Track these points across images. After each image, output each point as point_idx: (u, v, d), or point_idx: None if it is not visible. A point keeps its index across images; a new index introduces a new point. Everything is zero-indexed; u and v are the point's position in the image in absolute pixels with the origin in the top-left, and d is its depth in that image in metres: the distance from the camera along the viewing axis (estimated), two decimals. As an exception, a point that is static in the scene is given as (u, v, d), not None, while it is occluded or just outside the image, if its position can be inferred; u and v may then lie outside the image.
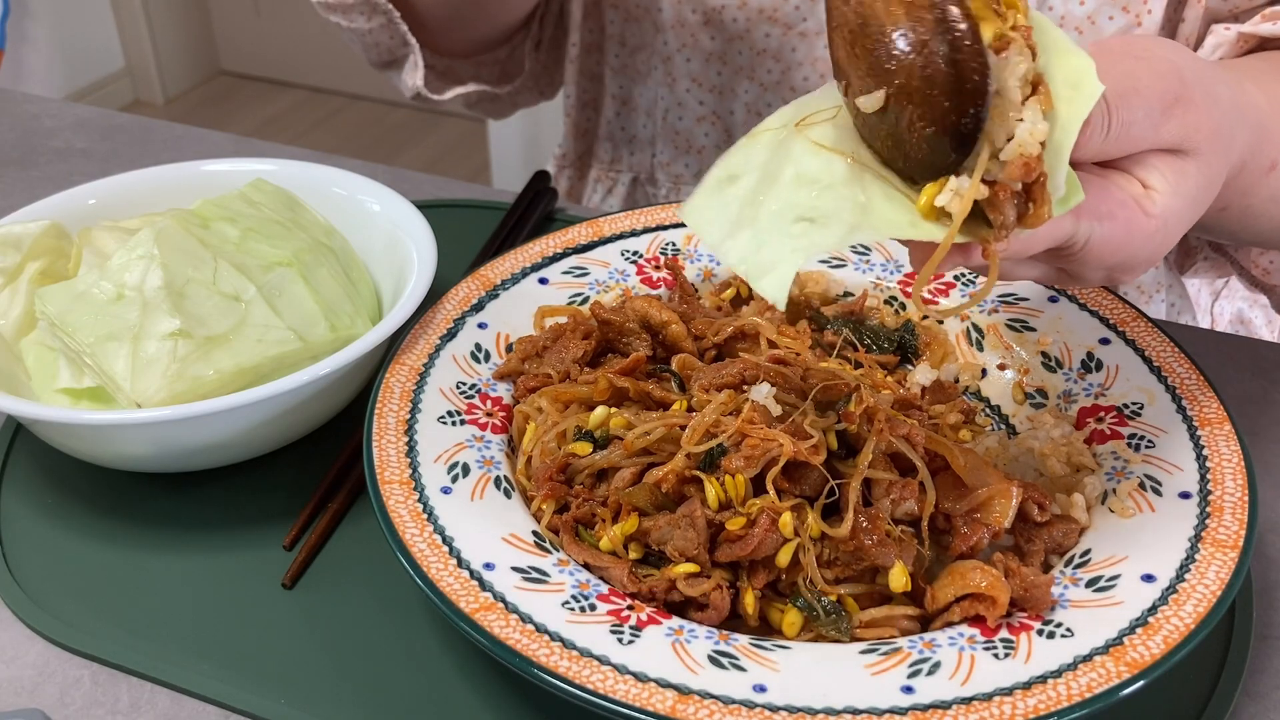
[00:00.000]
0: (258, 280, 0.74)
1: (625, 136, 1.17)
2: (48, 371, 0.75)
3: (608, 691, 0.53)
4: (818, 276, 0.82)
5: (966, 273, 0.81)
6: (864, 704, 0.53)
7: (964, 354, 0.78)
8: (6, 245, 0.79)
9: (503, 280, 0.80)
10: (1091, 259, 0.57)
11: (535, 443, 0.68)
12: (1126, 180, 0.58)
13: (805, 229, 0.53)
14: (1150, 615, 0.56)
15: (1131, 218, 0.56)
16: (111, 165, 1.11)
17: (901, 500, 0.61)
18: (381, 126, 3.64)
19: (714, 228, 0.55)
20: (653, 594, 0.60)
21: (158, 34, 3.76)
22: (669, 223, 0.86)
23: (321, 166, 0.90)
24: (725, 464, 0.61)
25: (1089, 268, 0.58)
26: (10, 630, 0.67)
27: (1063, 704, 0.52)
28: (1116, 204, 0.56)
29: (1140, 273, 0.60)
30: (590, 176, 1.22)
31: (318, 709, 0.62)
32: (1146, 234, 0.57)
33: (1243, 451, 0.65)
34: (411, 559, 0.60)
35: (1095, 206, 0.56)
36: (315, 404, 0.73)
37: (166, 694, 0.63)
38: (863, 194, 0.54)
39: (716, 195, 0.56)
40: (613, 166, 1.19)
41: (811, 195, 0.54)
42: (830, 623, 0.59)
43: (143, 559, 0.71)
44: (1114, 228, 0.56)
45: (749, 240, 0.53)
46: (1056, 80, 0.51)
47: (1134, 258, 0.58)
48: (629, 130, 1.17)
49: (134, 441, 0.70)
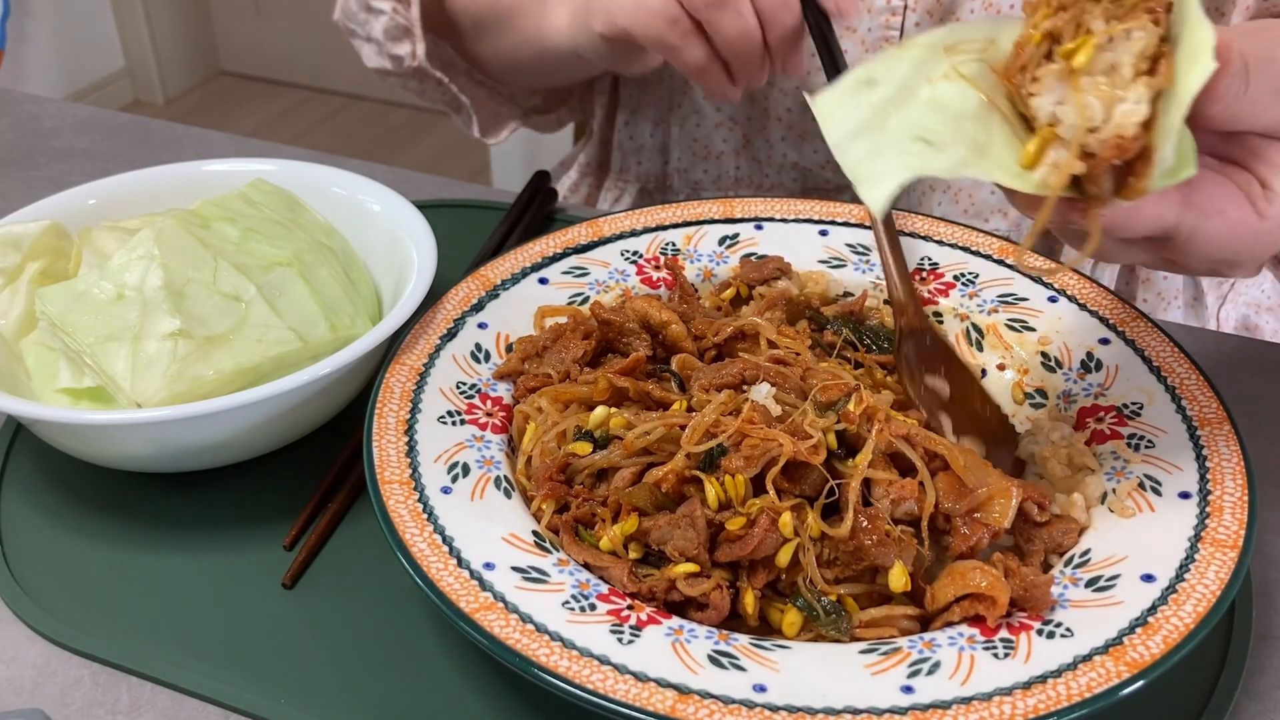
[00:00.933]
0: (258, 280, 0.74)
1: (634, 145, 1.17)
2: (48, 371, 0.75)
3: (608, 691, 0.53)
4: (818, 276, 0.82)
5: (966, 273, 0.81)
6: (864, 704, 0.53)
7: (964, 354, 0.78)
8: (6, 245, 0.79)
9: (503, 280, 0.80)
10: (1195, 251, 0.56)
11: (535, 443, 0.68)
12: (1245, 178, 0.57)
13: (921, 149, 0.54)
14: (1150, 615, 0.56)
15: (1242, 217, 0.56)
16: (111, 165, 1.11)
17: (901, 500, 0.61)
18: (381, 126, 3.64)
19: (839, 126, 0.56)
20: (653, 594, 0.60)
21: (158, 34, 3.76)
22: (669, 223, 0.86)
23: (321, 166, 0.90)
24: (725, 464, 0.61)
25: (1192, 259, 0.58)
26: (10, 630, 0.67)
27: (1063, 704, 0.52)
28: (1227, 200, 0.56)
29: (1248, 270, 0.59)
30: (603, 185, 1.23)
31: (318, 709, 0.62)
32: (1256, 233, 0.56)
33: (1243, 451, 0.65)
34: (411, 559, 0.60)
35: (1204, 201, 0.55)
36: (315, 404, 0.73)
37: (166, 694, 0.63)
38: (985, 133, 0.55)
39: (852, 95, 0.57)
40: (621, 176, 1.20)
41: (938, 120, 0.55)
42: (830, 623, 0.59)
43: (143, 559, 0.71)
44: (1221, 224, 0.55)
45: (867, 146, 0.54)
46: (1181, 52, 0.51)
47: (1241, 254, 0.57)
48: (637, 139, 1.17)
49: (134, 441, 0.70)
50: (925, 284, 0.81)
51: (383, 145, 3.55)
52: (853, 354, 0.75)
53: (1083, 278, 0.78)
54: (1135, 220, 0.54)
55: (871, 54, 0.99)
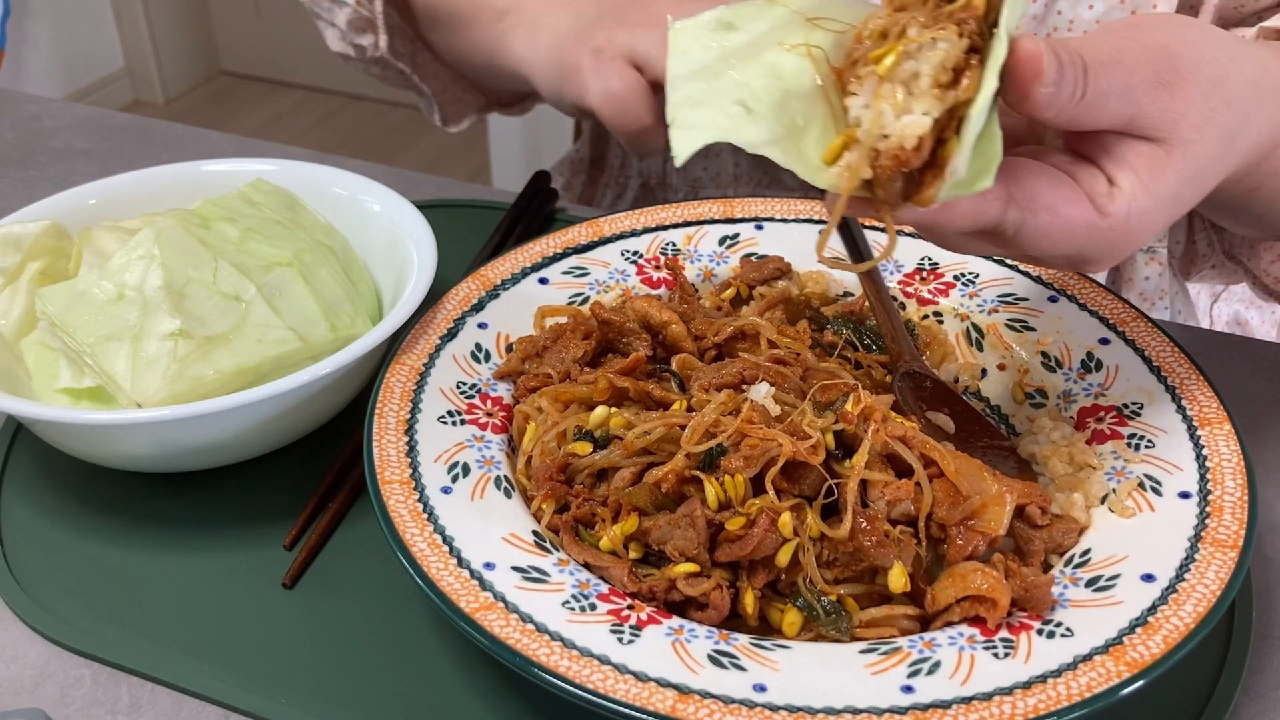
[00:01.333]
0: (258, 280, 0.74)
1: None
2: (48, 371, 0.75)
3: (608, 691, 0.53)
4: (818, 277, 0.82)
5: (966, 273, 0.81)
6: (864, 704, 0.53)
7: (964, 354, 0.78)
8: (7, 245, 0.79)
9: (503, 280, 0.80)
10: (1028, 245, 0.57)
11: (535, 443, 0.68)
12: (1091, 175, 0.57)
13: (739, 115, 0.53)
14: (1150, 615, 0.56)
15: (1077, 213, 0.56)
16: (111, 165, 1.11)
17: (896, 501, 0.61)
18: (381, 126, 3.64)
19: (683, 59, 0.55)
20: (653, 594, 0.60)
21: (158, 34, 3.76)
22: (669, 223, 0.86)
23: (321, 166, 0.90)
24: (725, 464, 0.61)
25: (1030, 253, 0.58)
26: (10, 630, 0.67)
27: (1063, 704, 0.52)
28: (1062, 199, 0.56)
29: (1105, 265, 0.59)
30: (601, 182, 1.22)
31: (318, 709, 0.62)
32: (1097, 230, 0.56)
33: (1243, 451, 0.65)
34: (411, 559, 0.60)
35: (1029, 197, 0.55)
36: (315, 404, 0.73)
37: (166, 694, 0.63)
38: (805, 118, 0.53)
39: (708, 33, 0.56)
40: (623, 172, 1.19)
41: (768, 89, 0.54)
42: (830, 622, 0.59)
43: (143, 559, 0.71)
44: (1053, 221, 0.56)
45: (696, 91, 0.54)
46: (986, 68, 0.51)
47: (1087, 251, 0.57)
48: None
49: (134, 441, 0.70)
50: (925, 284, 0.81)
51: (383, 145, 3.55)
52: (853, 354, 0.75)
53: (1082, 278, 0.78)
54: (953, 216, 0.54)
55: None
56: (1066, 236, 0.56)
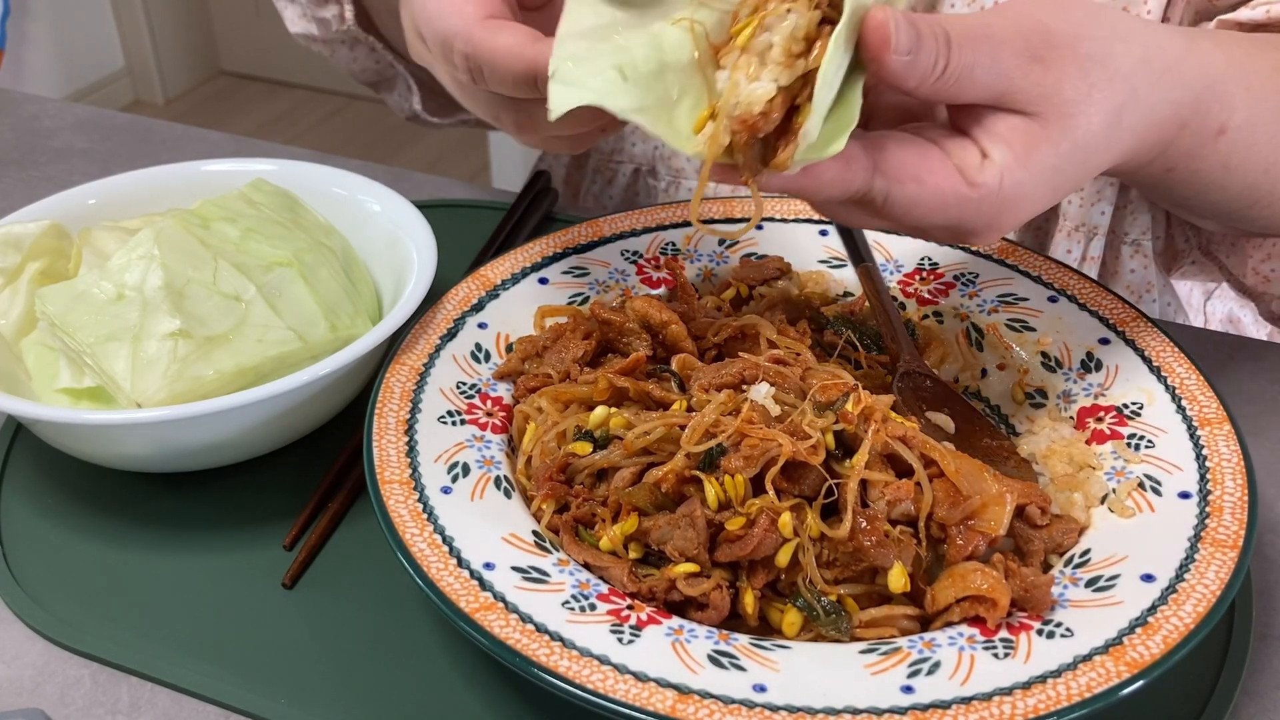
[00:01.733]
0: (258, 280, 0.74)
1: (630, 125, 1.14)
2: (48, 371, 0.75)
3: (608, 691, 0.53)
4: (817, 277, 0.82)
5: (966, 273, 0.81)
6: (864, 704, 0.53)
7: (963, 354, 0.78)
8: (7, 245, 0.79)
9: (503, 280, 0.80)
10: (898, 215, 0.58)
11: (535, 443, 0.68)
12: (963, 147, 0.58)
13: (614, 80, 0.54)
14: (1150, 615, 0.56)
15: (945, 184, 0.57)
16: (111, 165, 1.11)
17: (896, 501, 0.61)
18: (381, 126, 3.64)
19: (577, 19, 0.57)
20: (653, 594, 0.60)
21: (158, 34, 3.76)
22: (669, 222, 0.86)
23: (321, 166, 0.90)
24: (725, 464, 0.61)
25: (905, 225, 0.59)
26: (10, 630, 0.67)
27: (1062, 704, 0.52)
28: (927, 169, 0.57)
29: (987, 238, 0.60)
30: (589, 166, 1.18)
31: (318, 709, 0.62)
32: (968, 201, 0.57)
33: (1243, 451, 0.65)
34: (411, 559, 0.60)
35: (895, 167, 0.56)
36: (315, 404, 0.73)
37: (166, 694, 0.63)
38: (679, 90, 0.55)
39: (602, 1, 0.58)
40: (613, 157, 1.16)
41: (647, 59, 0.55)
42: (830, 623, 0.59)
43: (143, 559, 0.71)
44: (919, 191, 0.57)
45: (580, 50, 0.55)
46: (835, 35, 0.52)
47: (962, 222, 0.58)
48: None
49: (134, 441, 0.70)
50: (925, 284, 0.81)
51: (383, 145, 3.55)
52: (853, 354, 0.75)
53: (1082, 278, 0.78)
54: (820, 184, 0.55)
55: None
56: (937, 207, 0.57)
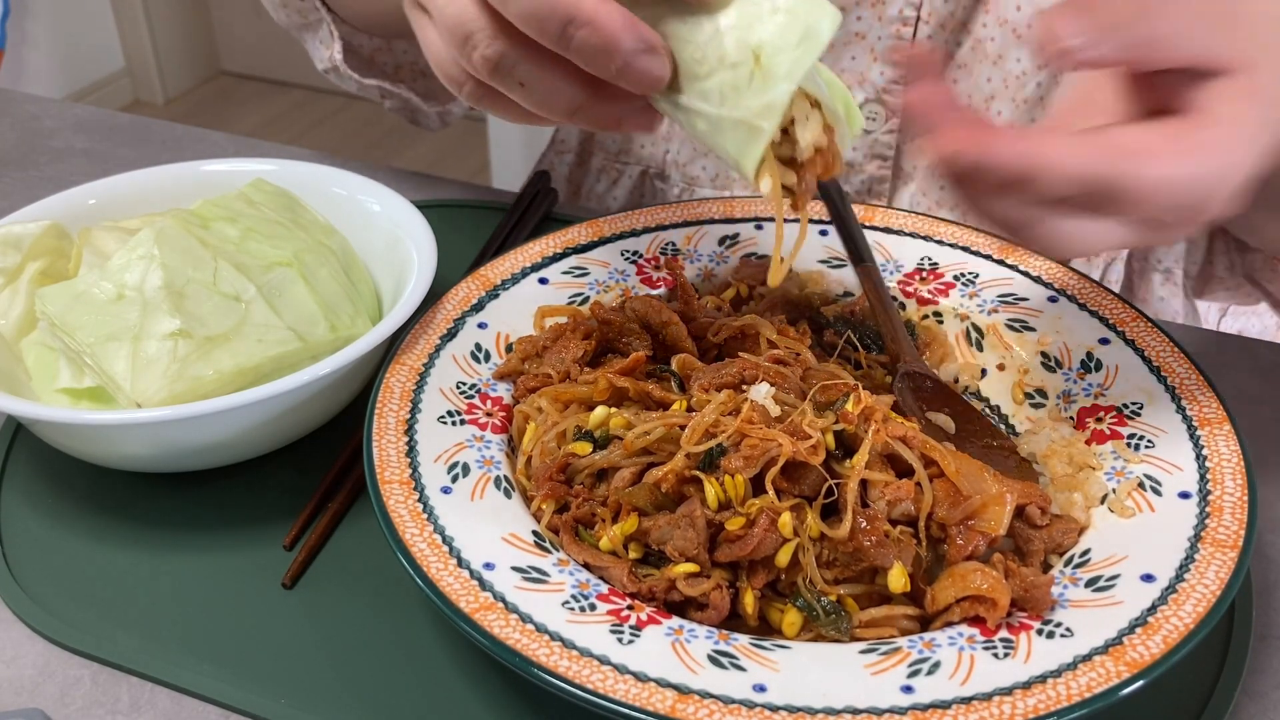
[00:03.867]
0: (258, 280, 0.74)
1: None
2: (48, 371, 0.75)
3: (608, 691, 0.53)
4: (817, 277, 0.82)
5: (966, 273, 0.81)
6: (864, 704, 0.53)
7: (964, 354, 0.78)
8: (6, 245, 0.79)
9: (503, 280, 0.80)
10: (1145, 192, 0.54)
11: (535, 443, 0.68)
12: (1179, 118, 0.55)
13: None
14: (1150, 615, 0.56)
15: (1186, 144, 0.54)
16: (111, 165, 1.11)
17: (896, 501, 0.61)
18: (381, 126, 3.64)
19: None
20: (653, 594, 0.60)
21: (158, 34, 3.76)
22: (669, 222, 0.86)
23: (321, 166, 0.90)
24: (725, 464, 0.61)
25: (1142, 207, 0.55)
26: (10, 630, 0.67)
27: (1062, 704, 0.52)
28: (1161, 139, 0.54)
29: (1216, 209, 0.56)
30: (593, 165, 1.16)
31: (318, 709, 0.62)
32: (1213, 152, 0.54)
33: (1242, 451, 0.65)
34: (411, 559, 0.60)
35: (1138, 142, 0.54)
36: (315, 404, 0.73)
37: (166, 694, 0.63)
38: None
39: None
40: (619, 158, 1.15)
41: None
42: (830, 623, 0.59)
43: (143, 559, 0.71)
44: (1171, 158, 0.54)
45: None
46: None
47: (1203, 180, 0.55)
48: None
49: (134, 441, 0.70)
50: (925, 284, 0.81)
51: (383, 145, 3.55)
52: (853, 354, 0.75)
53: (1083, 278, 0.78)
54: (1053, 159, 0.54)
55: (880, 64, 0.98)
56: (1187, 176, 0.54)
